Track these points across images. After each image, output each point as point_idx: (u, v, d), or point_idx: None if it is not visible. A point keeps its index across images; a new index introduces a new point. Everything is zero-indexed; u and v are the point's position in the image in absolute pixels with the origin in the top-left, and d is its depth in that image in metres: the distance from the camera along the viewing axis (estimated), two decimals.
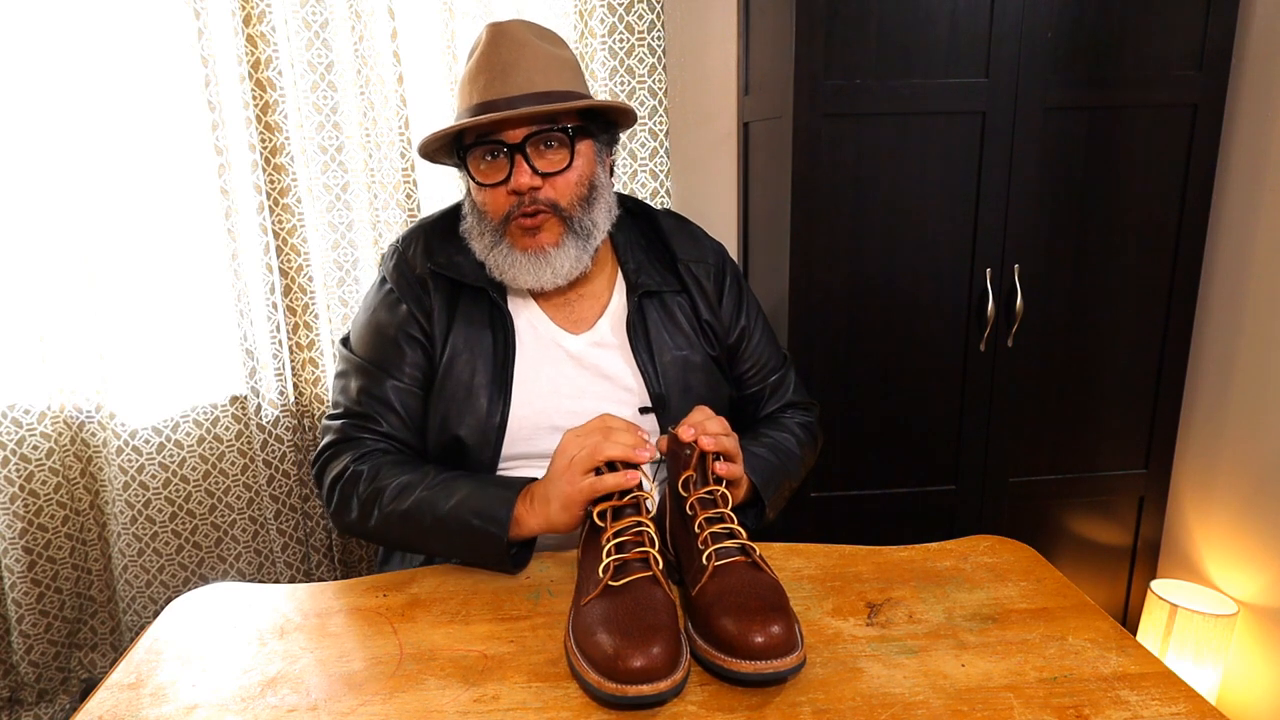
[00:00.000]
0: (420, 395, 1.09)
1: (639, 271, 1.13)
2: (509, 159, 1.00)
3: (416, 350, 1.08)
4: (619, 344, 1.11)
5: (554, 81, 1.02)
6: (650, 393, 1.09)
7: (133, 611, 1.73)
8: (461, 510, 0.94)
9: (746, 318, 1.19)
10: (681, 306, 1.15)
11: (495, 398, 1.06)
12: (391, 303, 1.10)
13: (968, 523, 1.68)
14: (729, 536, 0.82)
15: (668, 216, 1.21)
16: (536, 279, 1.04)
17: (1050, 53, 1.48)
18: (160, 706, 0.74)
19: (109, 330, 1.63)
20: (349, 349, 1.13)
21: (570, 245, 1.04)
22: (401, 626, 0.85)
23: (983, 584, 0.90)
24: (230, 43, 1.56)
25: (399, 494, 0.98)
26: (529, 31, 1.03)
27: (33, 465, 1.63)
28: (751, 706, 0.71)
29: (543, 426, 1.08)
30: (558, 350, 1.10)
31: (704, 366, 1.14)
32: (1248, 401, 1.60)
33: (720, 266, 1.19)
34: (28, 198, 1.56)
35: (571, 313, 1.12)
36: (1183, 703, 0.71)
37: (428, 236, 1.12)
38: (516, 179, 1.00)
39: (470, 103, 1.02)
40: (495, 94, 0.99)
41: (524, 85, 0.99)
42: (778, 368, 1.22)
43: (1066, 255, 1.58)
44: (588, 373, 1.10)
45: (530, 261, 1.03)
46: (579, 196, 1.04)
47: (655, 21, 1.69)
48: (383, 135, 1.67)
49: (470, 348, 1.07)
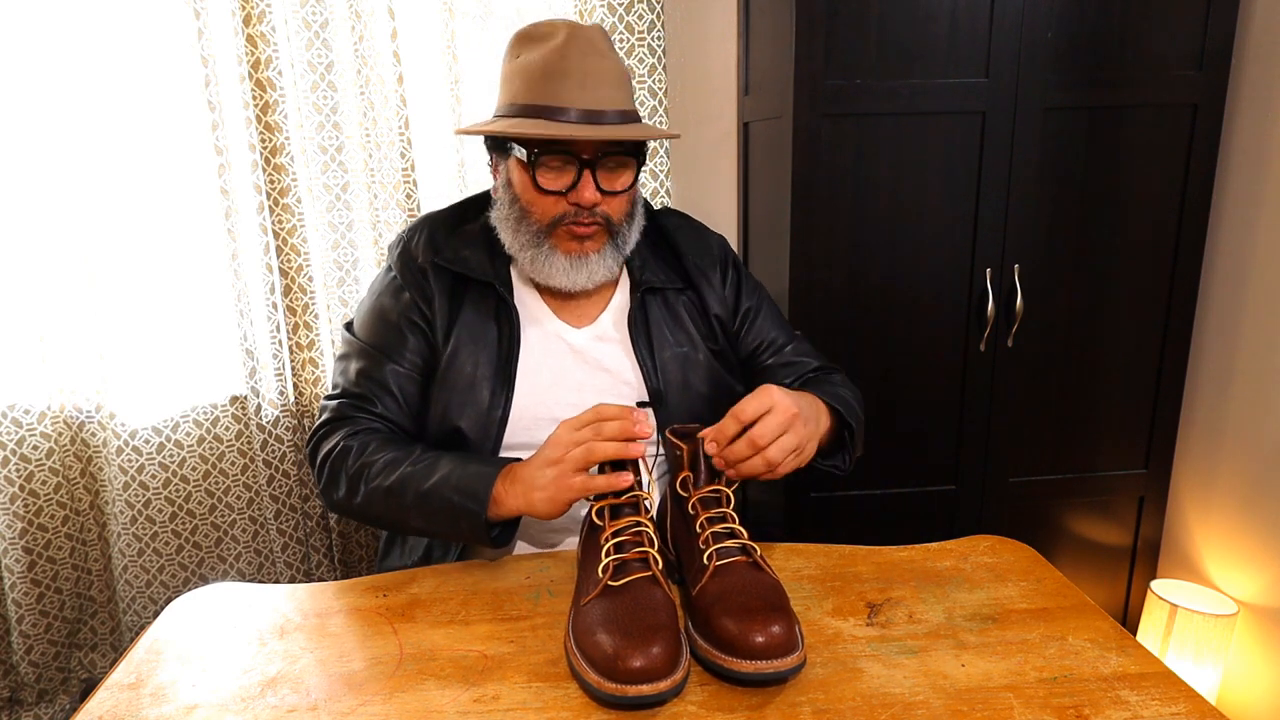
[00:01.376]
0: (419, 381, 1.10)
1: (643, 268, 1.14)
2: (576, 171, 1.00)
3: (418, 337, 1.09)
4: (620, 339, 1.12)
5: (625, 100, 1.03)
6: (648, 388, 1.10)
7: (133, 611, 1.73)
8: (443, 486, 0.94)
9: (749, 299, 1.20)
10: (686, 304, 1.16)
11: (498, 391, 1.07)
12: (396, 289, 1.11)
13: (968, 523, 1.68)
14: (730, 536, 0.82)
15: (669, 214, 1.23)
16: (571, 281, 1.06)
17: (1050, 53, 1.48)
18: (160, 706, 0.74)
19: (109, 330, 1.63)
20: (351, 333, 1.14)
21: (609, 254, 1.07)
22: (401, 626, 0.85)
23: (983, 584, 0.90)
24: (230, 43, 1.56)
25: (384, 469, 0.99)
26: (606, 42, 1.03)
27: (33, 465, 1.63)
28: (751, 706, 0.71)
29: (543, 418, 1.08)
30: (560, 344, 1.11)
31: (706, 364, 1.14)
32: (1248, 401, 1.60)
33: (723, 258, 1.20)
34: (28, 198, 1.56)
35: (576, 308, 1.13)
36: (1183, 703, 0.71)
37: (433, 229, 1.13)
38: (581, 192, 1.00)
39: (540, 101, 1.00)
40: (573, 102, 0.98)
41: (604, 100, 1.00)
42: (789, 341, 1.22)
43: (1066, 255, 1.58)
44: (589, 366, 1.11)
45: (571, 264, 1.05)
46: (627, 214, 1.08)
47: (655, 21, 1.69)
48: (383, 135, 1.67)
49: (474, 341, 1.08)
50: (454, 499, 0.93)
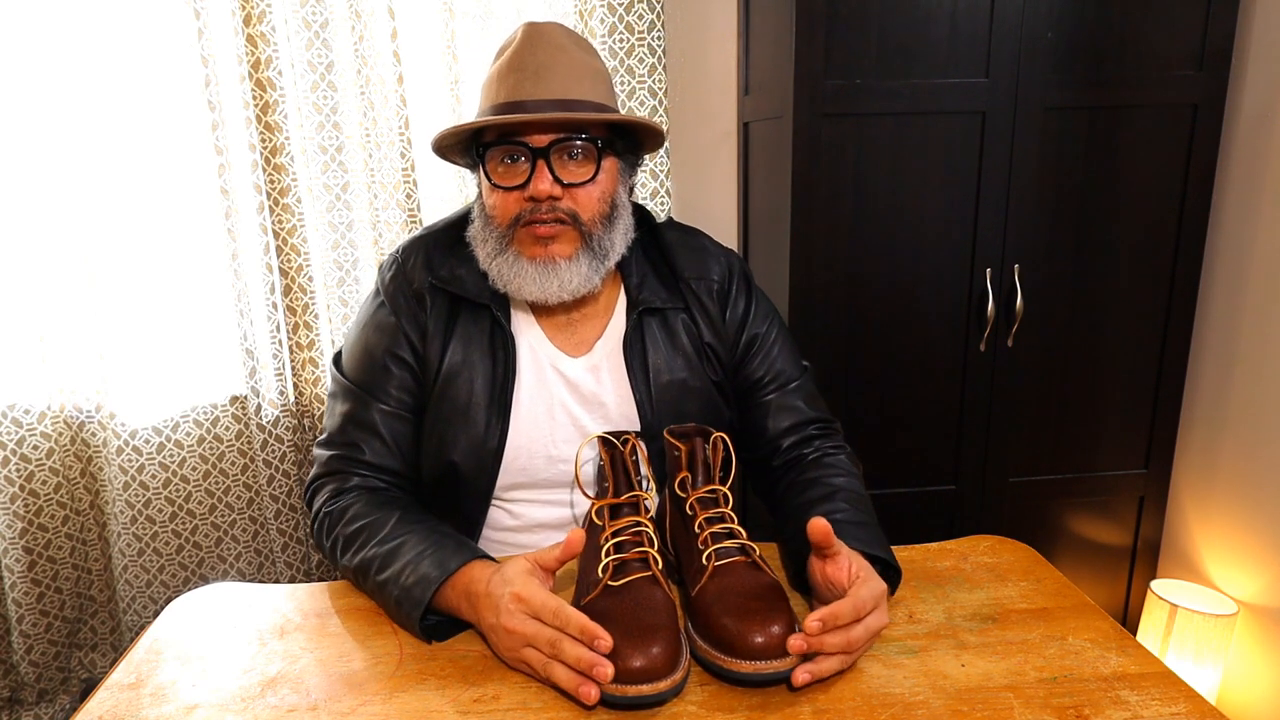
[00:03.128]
0: (409, 419, 1.05)
1: (641, 287, 1.07)
2: (530, 163, 0.95)
3: (405, 372, 1.04)
4: (615, 366, 1.06)
5: (588, 91, 0.97)
6: (641, 420, 1.05)
7: (133, 611, 1.73)
8: (391, 586, 0.86)
9: (759, 325, 1.11)
10: (685, 325, 1.08)
11: (493, 421, 1.02)
12: (382, 319, 1.05)
13: (968, 523, 1.68)
14: (729, 536, 0.82)
15: (671, 228, 1.14)
16: (542, 290, 0.99)
17: (1050, 53, 1.48)
18: (160, 706, 0.74)
19: (109, 330, 1.63)
20: (339, 369, 1.09)
21: (583, 261, 0.99)
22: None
23: (983, 584, 0.90)
24: (230, 43, 1.56)
25: (354, 547, 0.93)
26: (566, 36, 0.99)
27: (33, 465, 1.63)
28: (751, 706, 0.71)
29: (538, 456, 1.04)
30: (555, 375, 1.06)
31: (702, 392, 1.08)
32: (1248, 401, 1.60)
33: (725, 282, 1.11)
34: (28, 198, 1.56)
35: (573, 334, 1.07)
36: (1183, 703, 0.71)
37: (429, 249, 1.07)
38: (536, 184, 0.95)
39: (496, 100, 0.97)
40: (525, 95, 0.95)
41: (556, 90, 0.95)
42: (794, 378, 1.12)
43: (1066, 255, 1.58)
44: (584, 400, 1.06)
45: (537, 271, 0.98)
46: (601, 213, 0.99)
47: (655, 21, 1.69)
48: (383, 135, 1.67)
49: (469, 367, 1.03)
50: (396, 596, 0.85)
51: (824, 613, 0.72)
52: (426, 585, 0.83)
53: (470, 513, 1.06)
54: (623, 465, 0.86)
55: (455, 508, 1.06)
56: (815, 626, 0.71)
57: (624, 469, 0.86)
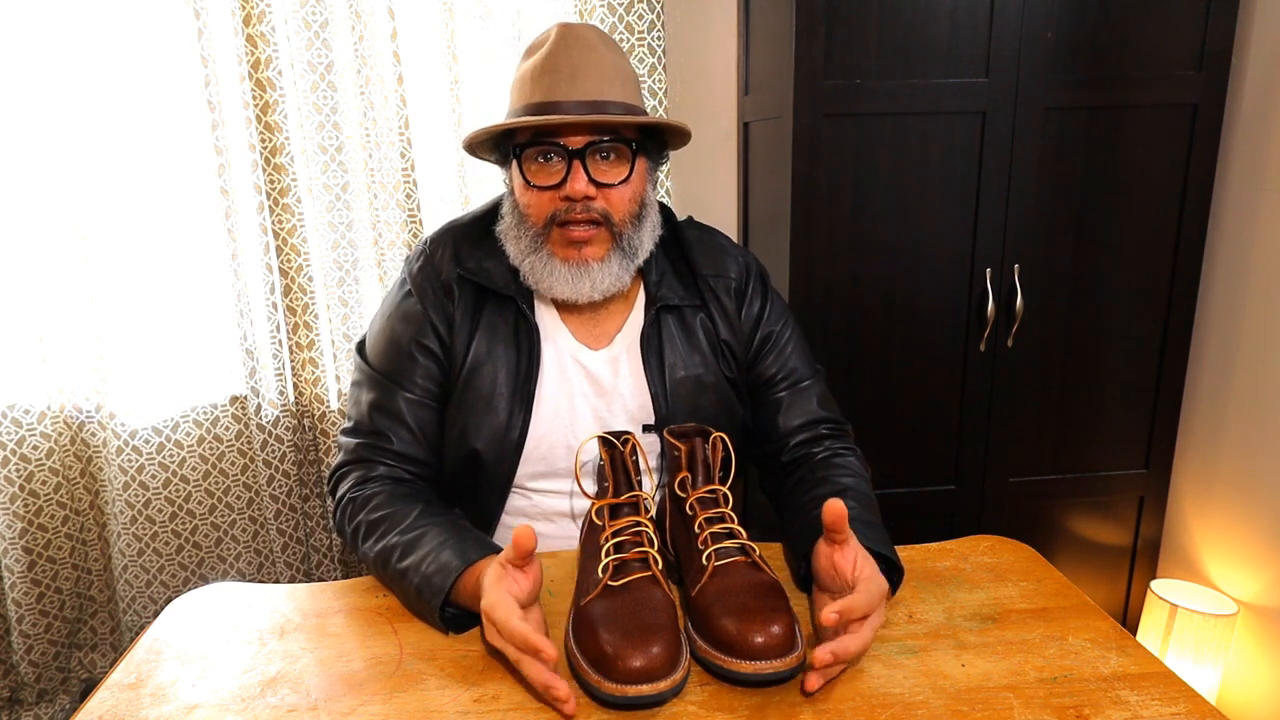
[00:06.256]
0: (434, 408, 1.06)
1: (660, 284, 1.09)
2: (566, 164, 0.97)
3: (431, 361, 1.05)
4: (633, 360, 1.09)
5: (619, 92, 0.99)
6: (656, 413, 1.07)
7: (133, 611, 1.73)
8: (412, 573, 0.87)
9: (773, 324, 1.13)
10: (703, 323, 1.10)
11: (515, 411, 1.04)
12: (409, 309, 1.07)
13: (968, 523, 1.68)
14: (729, 536, 0.82)
15: (691, 226, 1.16)
16: (574, 291, 1.01)
17: (1050, 53, 1.48)
18: (160, 706, 0.74)
19: (109, 330, 1.63)
20: (363, 357, 1.10)
21: (614, 262, 1.01)
22: (401, 626, 0.85)
23: (983, 584, 0.90)
24: (230, 43, 1.56)
25: (376, 535, 0.95)
26: (598, 38, 1.01)
27: (33, 465, 1.63)
28: (751, 706, 0.71)
29: (559, 445, 1.06)
30: (576, 367, 1.08)
31: (717, 388, 1.09)
32: (1248, 401, 1.60)
33: (742, 280, 1.13)
34: (28, 198, 1.56)
35: (595, 327, 1.09)
36: (1183, 703, 0.71)
37: (457, 240, 1.09)
38: (572, 184, 0.97)
39: (531, 100, 0.98)
40: (560, 95, 0.97)
41: (590, 91, 0.97)
42: (806, 378, 1.13)
43: (1066, 255, 1.58)
44: (603, 391, 1.08)
45: (570, 272, 1.00)
46: (631, 213, 1.01)
47: (655, 21, 1.69)
48: (383, 135, 1.67)
49: (493, 357, 1.05)
50: (417, 584, 0.86)
51: (841, 605, 0.72)
52: (447, 574, 0.84)
53: (490, 500, 1.08)
54: (623, 465, 0.86)
55: (475, 495, 1.08)
56: (834, 618, 0.71)
57: (624, 469, 0.86)
